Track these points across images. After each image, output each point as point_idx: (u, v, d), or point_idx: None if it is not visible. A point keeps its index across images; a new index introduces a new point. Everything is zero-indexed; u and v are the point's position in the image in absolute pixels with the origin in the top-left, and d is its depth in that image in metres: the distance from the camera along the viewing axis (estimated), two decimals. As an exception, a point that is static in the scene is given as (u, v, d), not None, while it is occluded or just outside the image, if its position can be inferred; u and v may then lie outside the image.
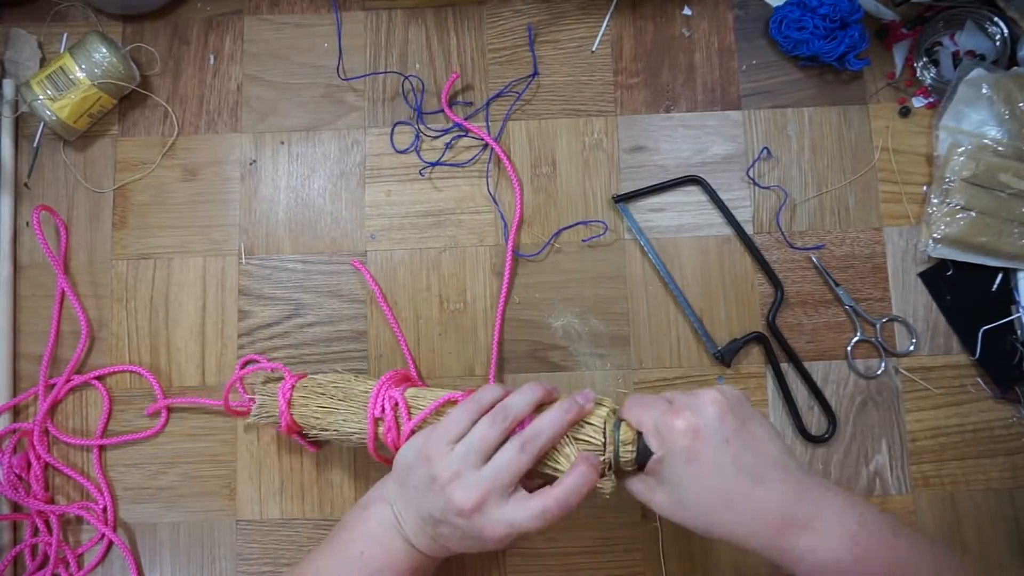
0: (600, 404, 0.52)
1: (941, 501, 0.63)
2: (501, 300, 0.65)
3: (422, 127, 0.68)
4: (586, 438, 0.50)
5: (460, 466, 0.48)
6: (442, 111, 0.68)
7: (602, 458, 0.50)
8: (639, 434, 0.49)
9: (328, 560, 0.52)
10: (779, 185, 0.66)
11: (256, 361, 0.65)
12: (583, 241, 0.66)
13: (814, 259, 0.65)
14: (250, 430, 0.64)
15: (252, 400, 0.61)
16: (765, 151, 0.67)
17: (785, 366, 0.64)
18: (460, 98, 0.68)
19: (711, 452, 0.47)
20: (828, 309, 0.65)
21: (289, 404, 0.58)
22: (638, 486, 0.50)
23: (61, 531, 0.63)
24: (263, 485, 0.64)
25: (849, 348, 0.64)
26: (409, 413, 0.55)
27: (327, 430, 0.57)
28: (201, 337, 0.66)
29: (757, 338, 0.64)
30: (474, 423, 0.50)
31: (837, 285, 0.65)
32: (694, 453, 0.47)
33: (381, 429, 0.55)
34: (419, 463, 0.50)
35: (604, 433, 0.50)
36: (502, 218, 0.66)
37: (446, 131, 0.68)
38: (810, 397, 0.64)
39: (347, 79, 0.68)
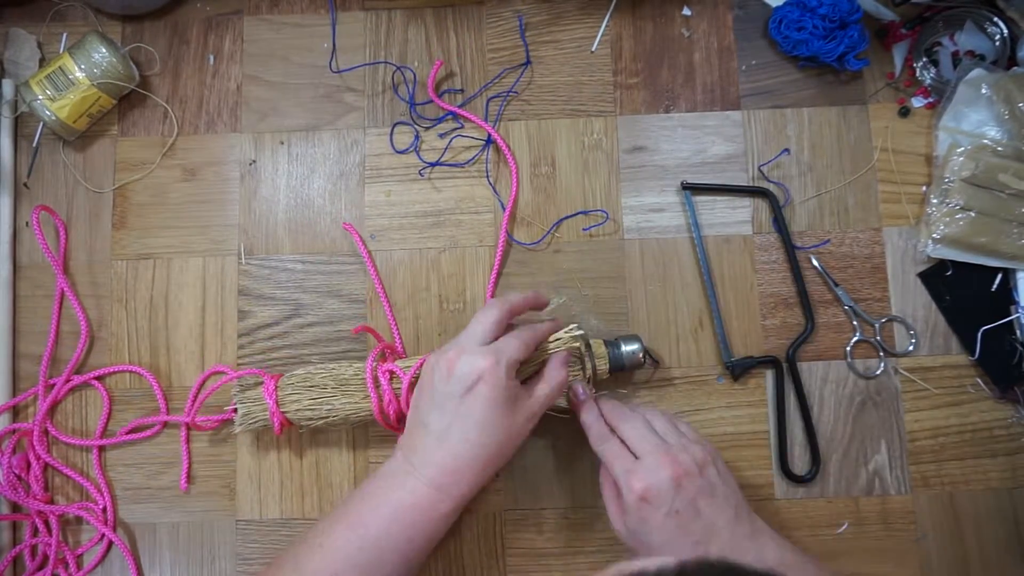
0: (573, 332, 0.59)
1: (940, 501, 0.63)
2: (492, 279, 0.65)
3: (414, 116, 0.68)
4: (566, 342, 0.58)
5: (465, 345, 0.53)
6: (439, 95, 0.68)
7: (585, 368, 0.59)
8: (608, 343, 0.60)
9: (336, 510, 0.54)
10: (782, 182, 0.66)
11: (223, 372, 0.65)
12: (584, 230, 0.66)
13: (814, 260, 0.65)
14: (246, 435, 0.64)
15: (230, 411, 0.62)
16: (786, 152, 0.66)
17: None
18: (447, 85, 0.68)
19: (659, 518, 0.51)
20: (827, 309, 0.65)
21: (277, 404, 0.59)
22: (611, 507, 0.55)
23: (61, 531, 0.63)
24: (263, 485, 0.64)
25: (848, 348, 0.64)
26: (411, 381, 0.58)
27: (325, 418, 0.59)
28: (201, 337, 0.66)
29: (771, 363, 0.64)
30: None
31: (836, 285, 0.65)
32: (644, 515, 0.51)
33: (384, 404, 0.58)
34: (429, 367, 0.54)
35: (581, 351, 0.59)
36: (500, 201, 0.66)
37: (440, 120, 0.68)
38: (804, 434, 0.63)
39: (338, 71, 0.68)
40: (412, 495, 0.52)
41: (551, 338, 0.58)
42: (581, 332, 0.59)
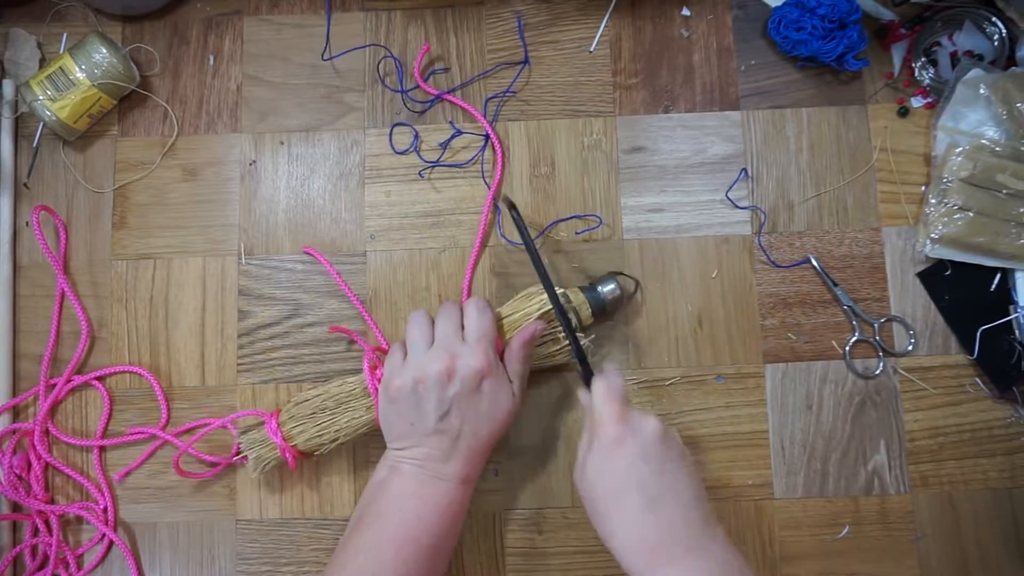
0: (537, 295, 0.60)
1: (939, 501, 0.63)
2: (470, 265, 0.65)
3: (405, 99, 0.68)
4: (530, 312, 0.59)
5: (450, 348, 0.55)
6: (427, 79, 0.68)
7: (571, 320, 0.59)
8: (584, 289, 0.61)
9: (363, 538, 0.54)
10: (758, 206, 0.66)
11: (205, 425, 0.64)
12: (577, 233, 0.66)
13: (813, 260, 0.65)
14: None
15: (233, 457, 0.63)
16: (744, 173, 0.66)
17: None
18: (440, 64, 0.69)
19: (624, 463, 0.51)
20: (827, 309, 0.65)
21: (285, 440, 0.60)
22: (583, 441, 0.55)
23: (61, 531, 0.63)
24: (263, 485, 0.64)
25: (848, 348, 0.64)
26: None
27: (337, 439, 0.60)
28: (201, 337, 0.66)
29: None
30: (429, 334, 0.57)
31: (836, 285, 0.65)
32: (611, 455, 0.51)
33: None
34: (417, 383, 0.55)
35: (563, 304, 0.59)
36: (487, 186, 0.66)
37: (430, 104, 0.68)
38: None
39: (330, 58, 0.68)
40: (446, 496, 0.55)
41: (529, 303, 0.60)
42: (544, 296, 0.59)
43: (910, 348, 0.64)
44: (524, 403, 0.59)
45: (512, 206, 0.59)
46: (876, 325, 0.64)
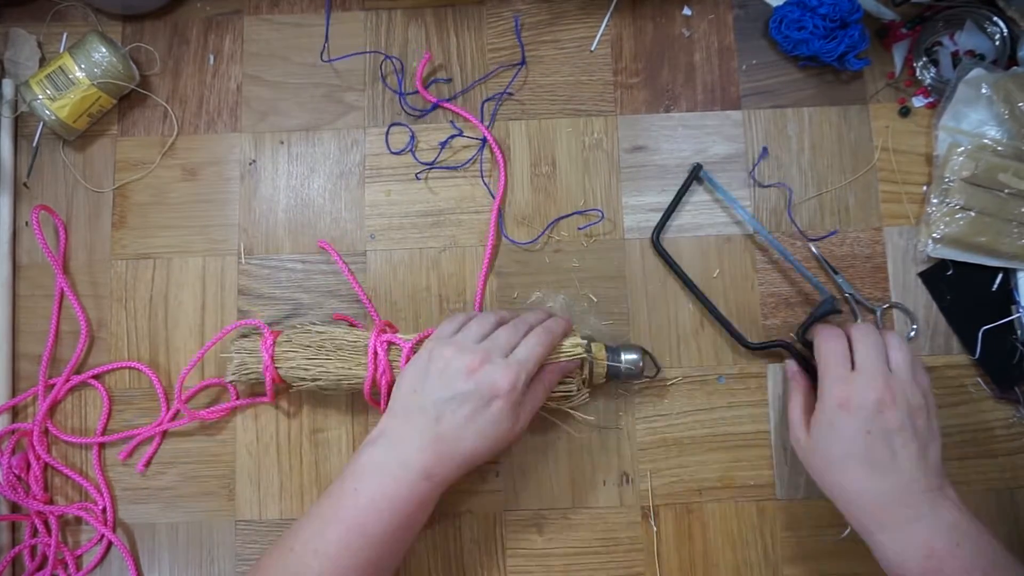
0: (576, 341, 0.59)
1: (941, 501, 0.63)
2: (482, 277, 0.65)
3: (404, 107, 0.68)
4: (569, 352, 0.58)
5: (491, 354, 0.53)
6: (427, 87, 0.68)
7: (583, 371, 0.59)
8: (609, 351, 0.60)
9: (321, 507, 0.52)
10: (783, 183, 0.66)
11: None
12: (580, 228, 0.66)
13: (813, 248, 0.65)
14: (248, 431, 0.64)
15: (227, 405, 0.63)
16: (764, 152, 0.67)
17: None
18: (442, 75, 0.68)
19: (850, 431, 0.53)
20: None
21: (273, 359, 0.59)
22: (794, 414, 0.57)
23: (60, 532, 0.63)
24: (262, 485, 0.64)
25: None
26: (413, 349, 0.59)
27: (317, 380, 0.59)
28: (200, 337, 0.66)
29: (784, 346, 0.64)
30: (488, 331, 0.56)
31: (836, 273, 0.65)
32: (836, 422, 0.53)
33: (378, 374, 0.58)
34: (444, 356, 0.54)
35: (582, 355, 0.59)
36: (491, 194, 0.66)
37: (428, 111, 0.68)
38: None
39: (329, 60, 0.68)
40: (407, 488, 0.52)
41: (559, 349, 0.58)
42: (584, 342, 0.59)
43: (912, 335, 0.64)
44: (522, 435, 0.56)
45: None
46: (878, 312, 0.64)
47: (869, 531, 0.52)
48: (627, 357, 0.61)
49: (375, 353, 0.58)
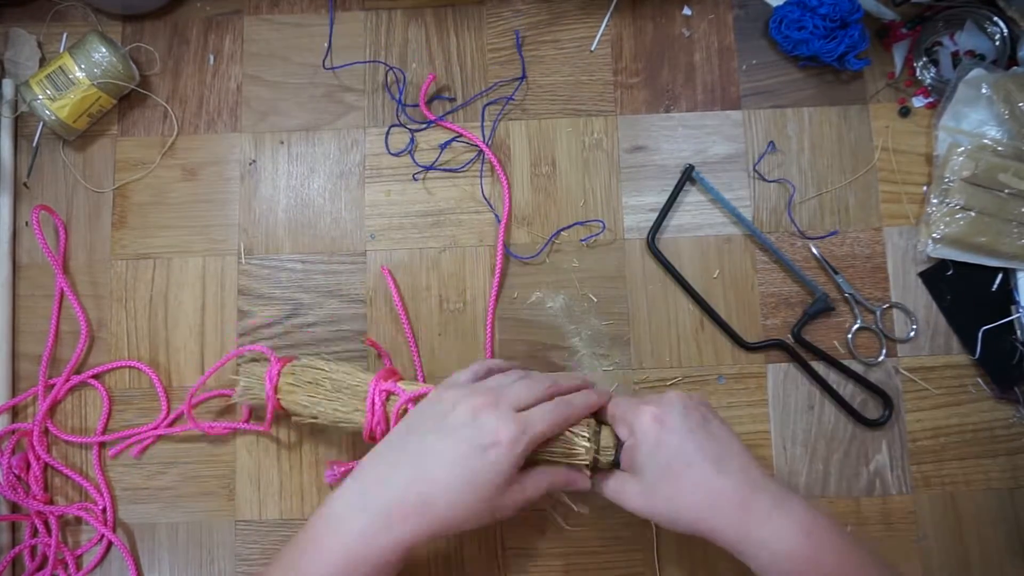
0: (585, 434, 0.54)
1: (941, 501, 0.63)
2: (492, 298, 0.65)
3: (404, 119, 0.68)
4: (576, 437, 0.53)
5: (501, 401, 0.50)
6: (429, 104, 0.68)
7: (586, 460, 0.53)
8: (617, 440, 0.54)
9: (283, 558, 0.49)
10: (785, 178, 0.66)
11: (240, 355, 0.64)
12: (582, 241, 0.66)
13: (813, 248, 0.65)
14: (247, 432, 0.64)
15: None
16: (771, 146, 0.67)
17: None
18: (446, 93, 0.68)
19: (676, 438, 0.50)
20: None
21: (276, 389, 0.59)
22: (611, 484, 0.53)
23: (60, 532, 0.63)
24: (262, 485, 0.64)
25: (850, 336, 0.64)
26: (413, 402, 0.56)
27: (316, 419, 0.58)
28: (200, 337, 0.66)
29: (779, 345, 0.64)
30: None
31: (836, 273, 0.65)
32: (660, 440, 0.50)
33: (373, 422, 0.56)
34: (450, 397, 0.51)
35: (590, 436, 0.53)
36: (497, 218, 0.66)
37: (428, 124, 0.68)
38: (855, 389, 0.64)
39: (331, 68, 0.68)
40: (362, 540, 0.47)
41: (575, 442, 0.53)
42: (589, 441, 0.53)
43: (912, 335, 0.64)
44: (507, 516, 0.51)
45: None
46: (878, 312, 0.64)
47: (746, 533, 0.47)
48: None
49: (372, 402, 0.56)
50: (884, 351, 0.64)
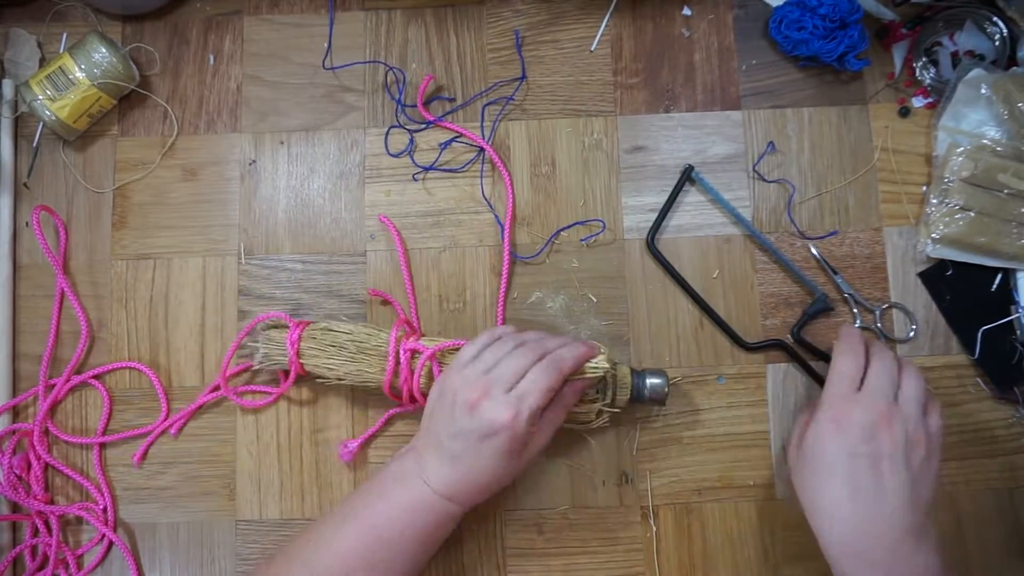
0: (600, 363, 0.57)
1: (941, 501, 0.63)
2: (500, 301, 0.65)
3: (403, 119, 0.68)
4: (592, 372, 0.57)
5: (491, 389, 0.52)
6: (428, 104, 0.68)
7: (602, 399, 0.59)
8: (634, 373, 0.60)
9: (344, 505, 0.54)
10: (784, 179, 0.66)
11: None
12: (582, 240, 0.66)
13: (812, 249, 0.65)
14: (248, 430, 0.65)
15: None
16: (770, 146, 0.67)
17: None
18: (446, 93, 0.68)
19: (835, 448, 0.51)
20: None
21: (298, 353, 0.60)
22: (798, 428, 0.56)
23: (61, 532, 0.63)
24: (262, 485, 0.64)
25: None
26: (437, 363, 0.59)
27: (342, 380, 0.60)
28: (201, 337, 0.66)
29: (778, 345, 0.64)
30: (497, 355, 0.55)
31: (836, 273, 0.65)
32: (825, 437, 0.52)
33: (399, 380, 0.59)
34: (452, 388, 0.54)
35: (606, 377, 0.58)
36: (498, 221, 0.66)
37: (428, 125, 0.68)
38: None
39: (331, 68, 0.68)
40: (426, 499, 0.53)
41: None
42: (606, 366, 0.57)
43: (911, 335, 0.64)
44: (542, 451, 0.56)
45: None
46: (877, 312, 0.64)
47: (843, 569, 0.49)
48: (652, 380, 0.60)
49: (396, 362, 0.58)
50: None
